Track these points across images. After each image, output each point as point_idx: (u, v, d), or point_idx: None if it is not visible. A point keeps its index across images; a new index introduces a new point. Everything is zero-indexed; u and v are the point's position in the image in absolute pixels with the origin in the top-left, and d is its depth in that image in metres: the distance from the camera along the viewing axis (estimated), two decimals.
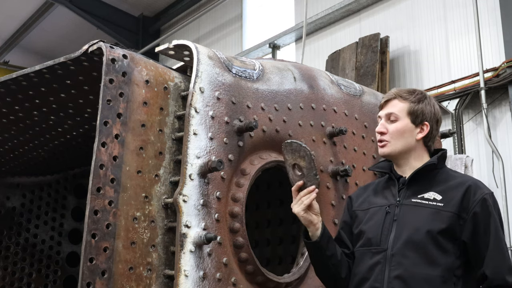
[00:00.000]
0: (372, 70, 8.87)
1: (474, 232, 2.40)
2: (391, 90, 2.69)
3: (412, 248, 2.41)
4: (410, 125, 2.58)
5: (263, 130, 2.92)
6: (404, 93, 2.61)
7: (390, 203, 2.55)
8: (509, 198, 7.52)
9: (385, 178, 2.72)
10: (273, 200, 3.91)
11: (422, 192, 2.51)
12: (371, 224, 2.57)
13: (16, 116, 3.19)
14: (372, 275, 2.46)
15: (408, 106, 2.58)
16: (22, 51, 17.28)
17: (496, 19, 8.03)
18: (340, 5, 10.08)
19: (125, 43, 14.57)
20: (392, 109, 2.60)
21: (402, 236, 2.45)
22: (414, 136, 2.58)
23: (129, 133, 2.46)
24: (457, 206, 2.42)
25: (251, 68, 3.02)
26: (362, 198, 2.72)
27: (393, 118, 2.58)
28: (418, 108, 2.58)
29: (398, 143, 2.57)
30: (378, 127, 2.62)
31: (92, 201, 2.27)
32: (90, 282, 2.21)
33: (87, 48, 2.54)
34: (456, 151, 7.93)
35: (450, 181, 2.53)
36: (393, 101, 2.61)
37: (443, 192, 2.49)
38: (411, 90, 2.64)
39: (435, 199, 2.47)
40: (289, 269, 3.03)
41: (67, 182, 4.42)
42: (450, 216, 2.41)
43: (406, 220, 2.47)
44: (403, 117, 2.58)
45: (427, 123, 2.59)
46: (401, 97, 2.60)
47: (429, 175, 2.56)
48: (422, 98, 2.61)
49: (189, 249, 2.45)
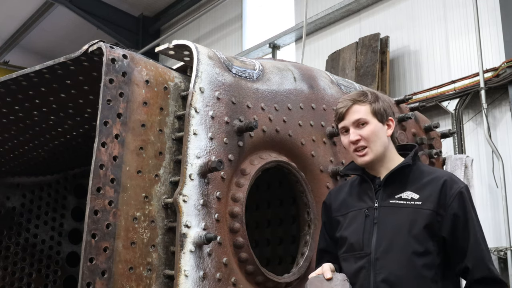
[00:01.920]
0: (372, 70, 8.87)
1: (453, 227, 2.42)
2: (342, 100, 2.64)
3: (396, 250, 2.41)
4: (380, 125, 2.59)
5: (263, 130, 2.92)
6: (359, 97, 2.60)
7: (368, 205, 2.55)
8: (509, 198, 7.52)
9: (357, 179, 2.71)
10: (273, 200, 3.91)
11: (398, 192, 2.52)
12: (352, 229, 2.56)
13: (16, 116, 3.19)
14: (358, 280, 2.45)
15: (370, 107, 2.58)
16: (22, 51, 17.29)
17: (496, 19, 8.03)
18: (340, 5, 10.09)
19: (125, 43, 14.58)
20: (357, 115, 2.57)
21: (384, 239, 2.45)
22: (385, 135, 2.60)
23: (129, 133, 2.45)
24: (435, 202, 2.44)
25: (251, 68, 3.02)
26: (338, 202, 2.71)
27: (362, 123, 2.57)
28: (379, 106, 2.59)
29: (377, 146, 2.57)
30: (351, 136, 2.57)
31: (92, 201, 2.27)
32: (90, 282, 2.21)
33: (87, 48, 2.54)
34: (456, 151, 7.93)
35: (425, 177, 2.54)
36: (353, 107, 2.59)
37: (419, 190, 2.50)
38: (361, 93, 2.64)
39: (413, 198, 2.48)
40: (289, 269, 3.03)
41: (67, 182, 4.42)
42: (429, 214, 2.42)
43: (387, 222, 2.47)
44: (371, 119, 2.58)
45: (391, 117, 2.64)
46: (360, 101, 2.59)
47: (403, 174, 2.57)
48: (376, 97, 2.62)
49: (189, 249, 2.45)
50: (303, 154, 3.12)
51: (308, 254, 3.01)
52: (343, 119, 2.60)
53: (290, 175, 3.07)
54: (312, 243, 3.02)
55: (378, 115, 2.58)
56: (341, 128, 2.64)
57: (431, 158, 3.84)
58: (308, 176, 3.13)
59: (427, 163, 3.75)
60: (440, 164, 3.96)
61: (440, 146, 3.99)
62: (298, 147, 3.10)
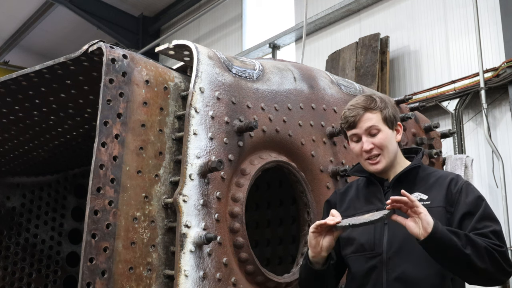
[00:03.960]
0: (372, 70, 8.87)
1: (462, 217, 2.43)
2: (352, 107, 2.61)
3: (408, 249, 2.42)
4: (390, 132, 2.61)
5: (263, 130, 2.92)
6: (370, 104, 2.59)
7: (378, 207, 2.55)
8: (509, 198, 7.51)
9: (363, 181, 2.72)
10: (273, 200, 3.91)
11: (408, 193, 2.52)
12: (361, 230, 2.55)
13: (16, 116, 3.19)
14: (370, 280, 2.47)
15: (381, 114, 2.59)
16: (22, 51, 17.28)
17: (496, 19, 8.03)
18: (340, 5, 10.08)
19: (125, 43, 14.57)
20: (369, 123, 2.57)
21: (396, 239, 2.46)
22: (395, 141, 2.63)
23: (129, 133, 2.46)
24: (443, 201, 2.47)
25: (251, 68, 3.02)
26: (345, 204, 2.71)
27: (375, 131, 2.57)
28: (389, 113, 2.61)
29: (390, 153, 2.59)
30: (365, 145, 2.56)
31: (92, 201, 2.27)
32: (90, 282, 2.21)
33: (87, 48, 2.54)
34: (456, 151, 7.93)
35: (431, 178, 2.58)
36: (365, 115, 2.58)
37: (427, 190, 2.53)
38: (370, 99, 2.61)
39: (422, 199, 2.51)
40: (289, 269, 3.03)
41: (67, 182, 4.42)
42: (440, 211, 2.45)
43: (398, 223, 2.47)
44: (382, 126, 2.58)
45: (399, 122, 2.67)
46: (371, 109, 2.58)
47: (411, 176, 2.60)
48: (385, 103, 2.63)
49: (189, 249, 2.45)
50: (303, 154, 3.12)
51: None
52: (355, 127, 2.59)
53: (290, 175, 3.07)
54: None
55: (388, 122, 2.60)
56: (351, 135, 2.62)
57: (431, 158, 3.84)
58: (308, 176, 3.13)
59: (427, 163, 3.75)
60: (440, 164, 3.96)
61: (440, 146, 3.99)
62: (298, 147, 3.10)
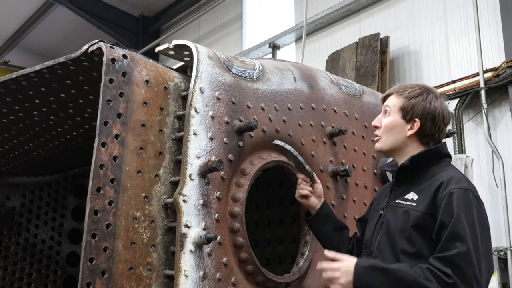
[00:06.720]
0: (372, 70, 8.87)
1: (439, 226, 2.29)
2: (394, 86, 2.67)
3: (388, 248, 2.44)
4: (400, 121, 2.54)
5: (263, 130, 2.92)
6: (402, 89, 2.59)
7: (383, 205, 2.59)
8: (509, 198, 7.52)
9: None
10: (273, 200, 3.91)
11: (406, 192, 2.49)
12: (368, 226, 2.65)
13: (16, 116, 3.19)
14: None
15: (401, 101, 2.55)
16: (22, 51, 17.29)
17: (496, 19, 8.03)
18: (340, 5, 10.09)
19: (125, 43, 14.58)
20: (387, 103, 2.62)
21: (383, 238, 2.48)
22: (404, 133, 2.54)
23: (129, 133, 2.45)
24: (429, 204, 2.35)
25: (251, 68, 3.01)
26: (376, 200, 2.77)
27: (387, 113, 2.60)
28: (410, 103, 2.53)
29: (388, 139, 2.57)
30: (375, 120, 2.64)
31: (92, 201, 2.27)
32: (90, 282, 2.21)
33: (87, 48, 2.54)
34: (456, 151, 7.93)
35: (430, 178, 2.45)
36: (391, 95, 2.62)
37: (421, 191, 2.43)
38: (411, 86, 2.60)
39: (412, 199, 2.43)
40: (289, 269, 3.02)
41: (67, 182, 4.42)
42: (419, 216, 2.35)
43: (389, 221, 2.49)
44: (395, 112, 2.57)
45: (418, 119, 2.52)
46: (398, 93, 2.59)
47: (414, 175, 2.51)
48: (419, 94, 2.55)
49: (189, 249, 2.45)
50: (303, 154, 3.12)
51: (308, 254, 3.01)
52: (383, 102, 2.67)
53: (290, 175, 3.07)
54: (312, 243, 3.02)
55: (403, 111, 2.54)
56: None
57: None
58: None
59: None
60: None
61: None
62: (298, 147, 3.10)
